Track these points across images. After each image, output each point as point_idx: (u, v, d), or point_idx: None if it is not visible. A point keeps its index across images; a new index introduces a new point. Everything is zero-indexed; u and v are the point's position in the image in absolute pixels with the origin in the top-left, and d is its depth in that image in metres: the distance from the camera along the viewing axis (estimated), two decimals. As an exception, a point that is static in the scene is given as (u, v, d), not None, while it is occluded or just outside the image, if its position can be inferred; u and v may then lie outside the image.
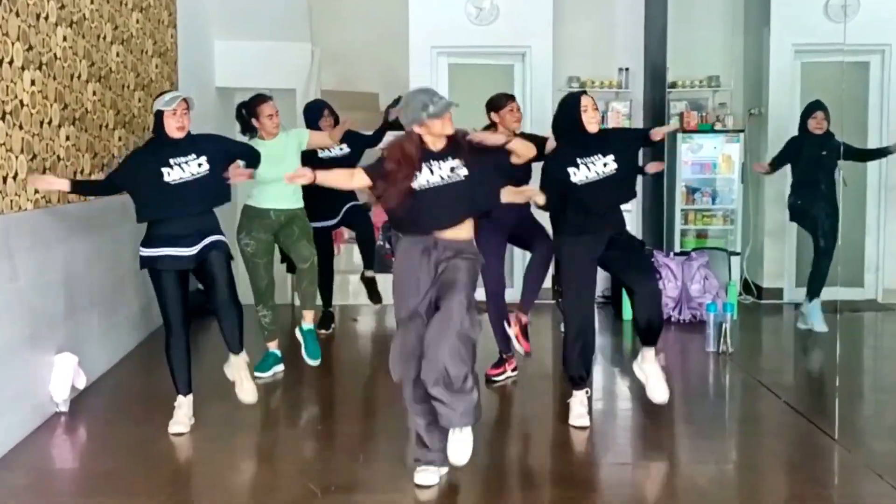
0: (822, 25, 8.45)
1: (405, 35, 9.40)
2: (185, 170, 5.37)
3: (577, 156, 5.41)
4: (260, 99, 6.66)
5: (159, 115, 5.38)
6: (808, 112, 8.05)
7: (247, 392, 5.64)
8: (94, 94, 6.68)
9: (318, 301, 7.76)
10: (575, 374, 5.64)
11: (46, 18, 5.81)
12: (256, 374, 6.64)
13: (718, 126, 9.68)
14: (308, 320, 6.79)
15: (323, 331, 8.00)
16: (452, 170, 4.58)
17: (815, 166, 7.94)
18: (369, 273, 8.17)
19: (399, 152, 4.59)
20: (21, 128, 5.40)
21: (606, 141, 5.53)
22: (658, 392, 5.60)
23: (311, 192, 6.80)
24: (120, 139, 7.19)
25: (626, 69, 10.06)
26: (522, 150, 4.86)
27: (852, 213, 8.29)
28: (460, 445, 4.56)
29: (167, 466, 5.13)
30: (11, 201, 5.27)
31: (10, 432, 5.24)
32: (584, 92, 5.69)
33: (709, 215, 9.75)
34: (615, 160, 5.43)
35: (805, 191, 8.04)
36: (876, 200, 8.73)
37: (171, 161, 5.34)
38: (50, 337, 5.81)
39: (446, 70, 9.59)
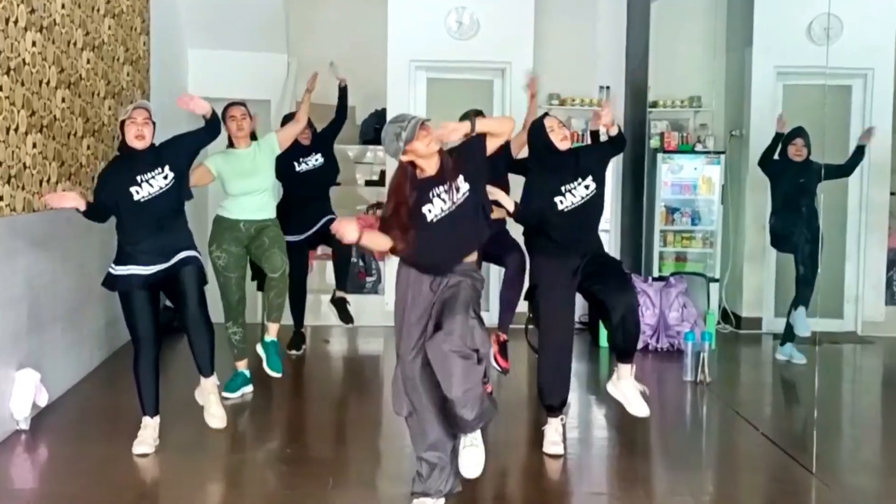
0: (804, 48, 8.50)
1: (383, 48, 9.41)
2: (154, 185, 5.37)
3: (561, 182, 5.43)
4: (229, 104, 6.70)
5: (122, 126, 5.41)
6: (788, 139, 8.11)
7: (215, 418, 5.64)
8: (63, 101, 6.63)
9: (291, 322, 7.74)
10: (551, 401, 5.64)
11: (16, 23, 5.78)
12: (225, 394, 6.61)
13: (699, 147, 9.74)
14: (272, 333, 6.67)
15: (294, 352, 7.97)
16: (458, 189, 4.56)
17: (795, 192, 8.00)
18: (340, 293, 8.12)
19: (392, 191, 4.61)
20: (-13, 135, 5.37)
21: (581, 162, 5.55)
22: (638, 407, 5.57)
23: (285, 203, 6.81)
24: (89, 148, 7.14)
25: (607, 87, 10.09)
26: (496, 127, 4.72)
27: (832, 241, 8.33)
28: (473, 459, 4.58)
29: (131, 488, 5.09)
30: (-25, 211, 5.24)
31: (-32, 451, 5.19)
32: (546, 114, 5.73)
33: (688, 237, 9.80)
34: (593, 179, 5.49)
35: (785, 217, 8.10)
36: (856, 227, 8.78)
37: (139, 178, 5.34)
38: (11, 352, 5.77)
39: (425, 84, 9.60)
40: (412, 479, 4.77)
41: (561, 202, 5.43)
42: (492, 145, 4.68)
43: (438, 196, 4.55)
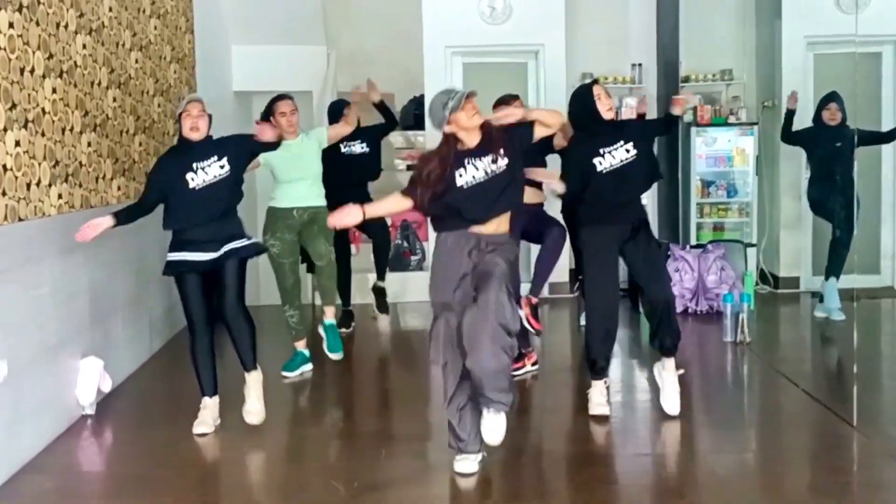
0: (833, 17, 8.41)
1: (419, 36, 9.40)
2: (209, 173, 5.37)
3: (601, 145, 5.39)
4: (277, 98, 6.68)
5: (179, 119, 5.43)
6: (822, 104, 8.04)
7: (251, 414, 5.56)
8: (115, 100, 6.70)
9: (339, 302, 7.77)
10: (597, 362, 5.62)
11: (66, 27, 5.83)
12: (284, 373, 6.70)
13: (732, 119, 9.63)
14: (329, 315, 6.83)
15: (343, 329, 7.99)
16: (494, 161, 4.60)
17: (830, 158, 7.91)
18: (380, 283, 8.18)
19: (431, 160, 4.65)
20: (43, 135, 5.42)
21: (623, 129, 5.56)
22: (670, 404, 5.56)
23: (326, 187, 6.84)
24: (140, 144, 7.21)
25: (639, 65, 10.04)
26: (548, 118, 4.81)
27: (868, 201, 8.23)
28: (494, 426, 4.55)
29: (193, 467, 5.13)
30: (35, 207, 5.29)
31: (39, 436, 5.26)
32: (596, 81, 5.67)
33: (724, 208, 9.69)
34: (634, 146, 5.43)
35: (822, 182, 8.02)
36: (892, 188, 8.67)
37: (195, 165, 5.35)
38: (76, 342, 5.83)
39: (461, 69, 9.58)
40: (448, 431, 4.79)
41: (600, 163, 5.38)
42: (539, 134, 4.77)
43: (472, 164, 4.58)
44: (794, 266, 9.25)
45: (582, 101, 5.51)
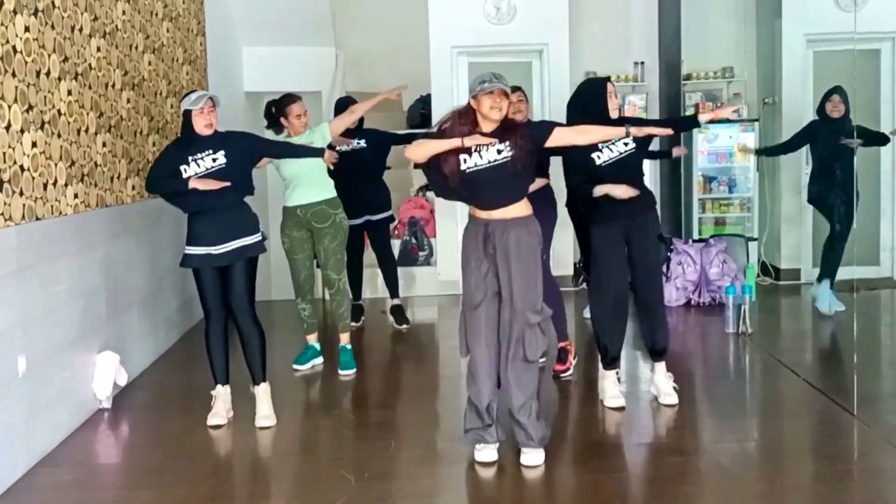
0: (832, 15, 8.36)
1: (425, 36, 9.36)
2: (200, 165, 5.39)
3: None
4: (290, 99, 6.62)
5: (187, 115, 5.42)
6: (826, 96, 7.99)
7: (266, 419, 5.58)
8: (128, 101, 6.71)
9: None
10: (609, 352, 5.65)
11: (81, 30, 5.84)
12: (295, 366, 6.73)
13: (733, 116, 9.60)
14: (343, 340, 6.77)
15: (353, 323, 7.98)
16: (499, 152, 4.63)
17: (831, 150, 7.86)
18: (395, 301, 8.16)
19: (450, 120, 4.73)
20: (59, 136, 5.43)
21: (624, 124, 5.47)
22: (669, 399, 5.61)
23: (339, 188, 6.83)
24: (154, 144, 7.22)
25: (642, 63, 10.02)
26: (588, 138, 5.04)
27: (867, 194, 8.19)
28: (530, 461, 4.72)
29: (207, 458, 5.16)
30: (52, 206, 5.30)
31: (56, 429, 5.28)
32: (608, 79, 5.61)
33: (726, 203, 9.65)
34: (634, 140, 5.38)
35: (822, 177, 7.98)
36: (890, 182, 8.64)
37: (190, 158, 5.39)
38: (92, 337, 5.85)
39: (466, 69, 9.56)
40: (463, 415, 4.87)
41: (598, 157, 5.38)
42: (559, 138, 4.81)
43: (477, 151, 4.63)
44: (794, 258, 9.21)
45: (594, 95, 5.44)
